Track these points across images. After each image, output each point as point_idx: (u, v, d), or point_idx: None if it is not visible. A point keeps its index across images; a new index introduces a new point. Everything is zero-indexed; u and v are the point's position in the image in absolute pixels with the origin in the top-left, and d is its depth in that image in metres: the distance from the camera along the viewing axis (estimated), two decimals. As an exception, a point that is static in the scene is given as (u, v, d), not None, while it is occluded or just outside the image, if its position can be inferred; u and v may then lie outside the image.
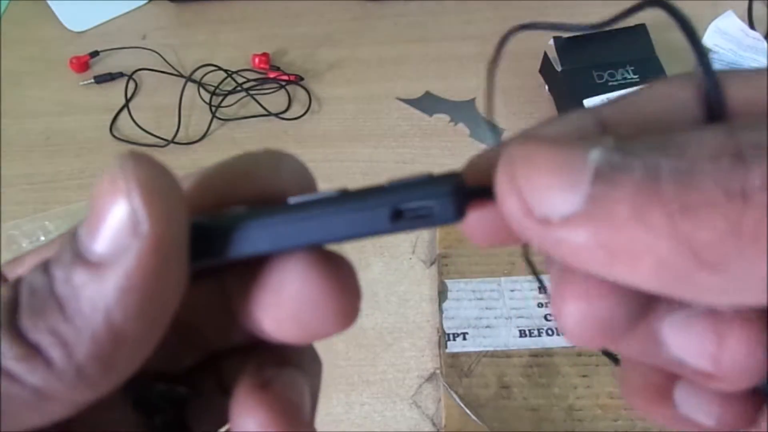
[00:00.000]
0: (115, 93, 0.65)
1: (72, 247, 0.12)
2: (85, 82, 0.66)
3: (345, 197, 0.13)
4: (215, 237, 0.13)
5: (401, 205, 0.13)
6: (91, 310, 0.11)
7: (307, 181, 0.16)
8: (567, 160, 0.11)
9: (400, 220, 0.13)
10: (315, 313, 0.13)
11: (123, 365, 0.12)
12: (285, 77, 0.64)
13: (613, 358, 0.24)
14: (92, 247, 0.12)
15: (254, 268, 0.14)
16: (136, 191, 0.11)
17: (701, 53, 0.12)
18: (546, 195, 0.11)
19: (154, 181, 0.12)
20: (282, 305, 0.14)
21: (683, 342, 0.13)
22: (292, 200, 0.13)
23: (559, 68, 0.58)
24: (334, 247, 0.14)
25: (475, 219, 0.14)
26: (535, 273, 0.24)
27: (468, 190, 0.13)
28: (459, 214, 0.13)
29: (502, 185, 0.12)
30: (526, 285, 0.47)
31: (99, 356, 0.11)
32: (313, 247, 0.14)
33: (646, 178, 0.10)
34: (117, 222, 0.11)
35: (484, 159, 0.14)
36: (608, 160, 0.11)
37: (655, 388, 0.15)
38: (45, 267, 0.12)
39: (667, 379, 0.14)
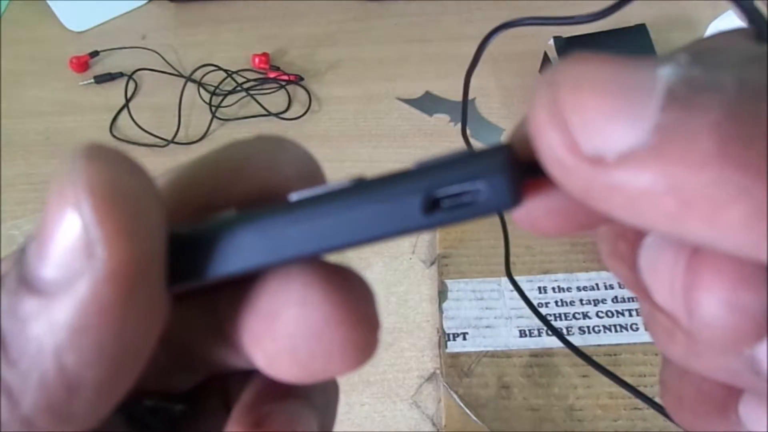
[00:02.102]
0: (115, 93, 0.65)
1: (18, 269, 0.09)
2: (85, 82, 0.66)
3: (360, 188, 0.10)
4: (198, 252, 0.10)
5: (437, 190, 0.10)
6: (38, 351, 0.09)
7: (312, 172, 0.13)
8: (627, 76, 0.08)
9: (436, 210, 0.10)
10: (317, 348, 0.10)
11: (82, 416, 0.09)
12: (285, 77, 0.64)
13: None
14: (40, 270, 0.09)
15: (246, 285, 0.11)
16: (87, 201, 0.09)
17: (749, 8, 0.10)
18: (598, 124, 0.08)
19: (114, 185, 0.09)
20: (276, 337, 0.11)
21: (649, 266, 0.11)
22: (294, 197, 0.10)
23: (559, 68, 0.58)
24: (341, 260, 0.11)
25: (532, 204, 0.11)
26: (521, 293, 0.22)
27: (521, 167, 0.10)
28: (516, 197, 0.09)
29: (539, 113, 0.09)
30: (526, 285, 0.47)
31: (49, 407, 0.09)
32: (316, 259, 0.11)
33: (741, 98, 0.08)
34: (67, 241, 0.09)
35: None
36: (685, 76, 0.08)
37: (713, 400, 0.12)
38: None
39: (728, 391, 0.12)
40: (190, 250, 0.10)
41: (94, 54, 0.68)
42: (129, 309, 0.09)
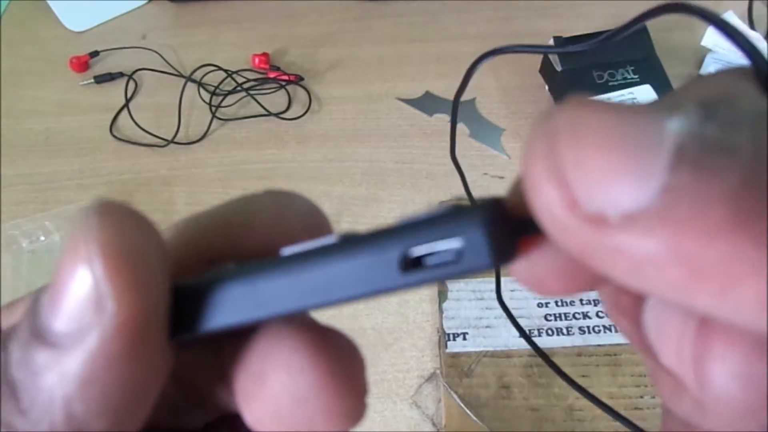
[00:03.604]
0: (115, 93, 0.65)
1: (31, 321, 0.10)
2: (85, 82, 0.66)
3: (345, 244, 0.10)
4: (195, 305, 0.10)
5: (414, 248, 0.09)
6: (49, 401, 0.09)
7: (319, 226, 0.12)
8: (632, 128, 0.08)
9: (416, 269, 0.09)
10: (302, 415, 0.10)
11: None
12: (285, 77, 0.64)
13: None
14: (53, 323, 0.09)
15: (245, 337, 0.11)
16: (99, 258, 0.09)
17: (749, 48, 0.09)
18: (601, 180, 0.07)
19: (124, 242, 0.09)
20: (261, 398, 0.11)
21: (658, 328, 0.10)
22: (286, 251, 0.10)
23: (559, 68, 0.58)
24: (333, 323, 0.11)
25: (531, 262, 0.10)
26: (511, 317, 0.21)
27: (515, 223, 0.09)
28: (498, 254, 0.09)
29: (534, 165, 0.08)
30: (526, 285, 0.47)
31: None
32: (305, 321, 0.11)
33: (758, 164, 0.07)
34: (78, 296, 0.09)
35: None
36: (696, 133, 0.07)
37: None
38: (2, 340, 0.10)
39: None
40: (189, 303, 0.10)
41: (94, 54, 0.68)
42: (134, 360, 0.09)
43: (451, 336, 0.45)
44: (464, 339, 0.45)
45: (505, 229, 0.09)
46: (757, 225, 0.07)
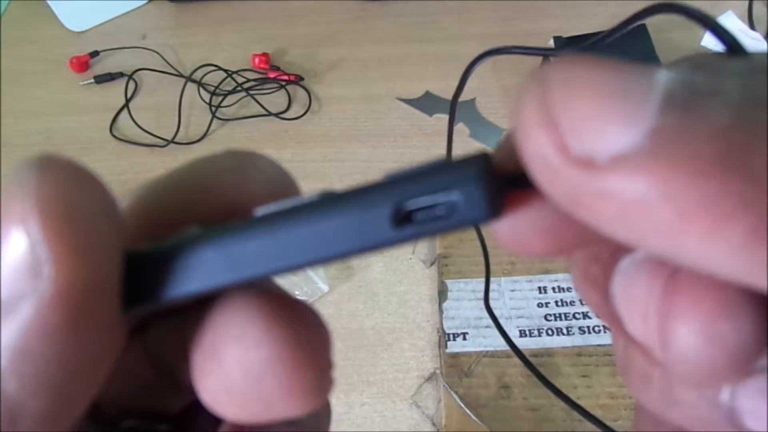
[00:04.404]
0: (115, 93, 0.65)
1: None
2: (85, 82, 0.66)
3: (327, 201, 0.09)
4: (156, 272, 0.10)
5: (408, 201, 0.09)
6: None
7: (285, 189, 0.12)
8: (622, 77, 0.08)
9: (407, 224, 0.09)
10: (257, 392, 0.10)
11: None
12: (285, 77, 0.64)
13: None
14: None
15: (203, 312, 0.10)
16: (35, 217, 0.08)
17: (731, 42, 0.10)
18: (590, 123, 0.08)
19: (65, 200, 0.08)
20: (216, 375, 0.10)
21: (625, 294, 0.10)
22: (259, 211, 0.10)
23: (559, 68, 0.58)
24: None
25: (516, 219, 0.10)
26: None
27: (503, 178, 0.09)
28: (493, 209, 0.09)
29: (526, 111, 0.08)
30: (526, 285, 0.47)
31: None
32: (263, 289, 0.10)
33: (747, 105, 0.07)
34: (12, 259, 0.08)
35: None
36: (685, 80, 0.08)
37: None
38: None
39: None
40: (148, 271, 0.10)
41: (94, 54, 0.68)
42: (77, 333, 0.08)
43: (451, 336, 0.45)
44: (464, 339, 0.45)
45: (495, 183, 0.09)
46: (746, 162, 0.07)
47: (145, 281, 0.10)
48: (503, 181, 0.09)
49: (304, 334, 0.10)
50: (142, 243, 0.10)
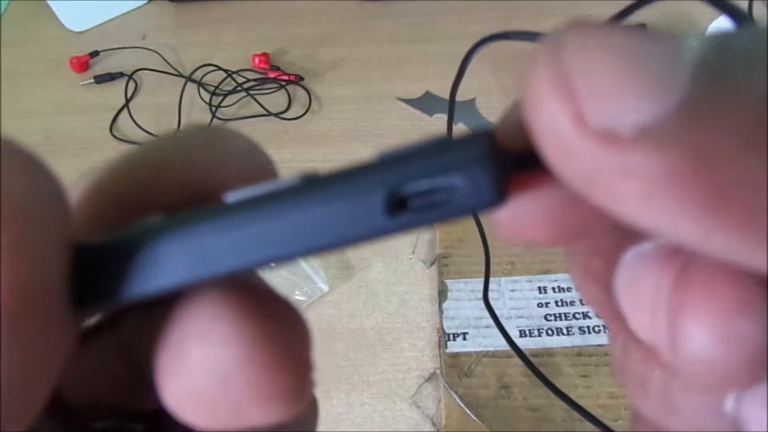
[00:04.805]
0: (115, 93, 0.65)
1: None
2: (85, 82, 0.66)
3: (309, 186, 0.08)
4: (112, 267, 0.08)
5: (403, 186, 0.08)
6: None
7: (259, 169, 0.10)
8: (647, 42, 0.07)
9: (403, 212, 0.08)
10: (224, 397, 0.08)
11: None
12: (285, 77, 0.64)
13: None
14: None
15: (169, 304, 0.09)
16: None
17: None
18: (613, 91, 0.07)
19: (2, 188, 0.07)
20: (179, 377, 0.09)
21: (629, 293, 0.09)
22: (230, 197, 0.09)
23: (559, 68, 0.58)
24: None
25: (519, 204, 0.09)
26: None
27: (508, 157, 0.08)
28: (500, 194, 0.08)
29: (537, 78, 0.07)
30: (526, 285, 0.47)
31: None
32: (233, 281, 0.09)
33: None
34: None
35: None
36: (720, 46, 0.07)
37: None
38: None
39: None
40: (102, 266, 0.08)
41: (94, 54, 0.68)
42: (12, 339, 0.07)
43: (451, 336, 0.45)
44: (464, 339, 0.45)
45: (500, 164, 0.08)
46: None
47: (99, 278, 0.08)
48: (508, 161, 0.08)
49: (279, 331, 0.09)
50: (97, 233, 0.09)
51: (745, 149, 0.06)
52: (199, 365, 0.08)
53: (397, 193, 0.08)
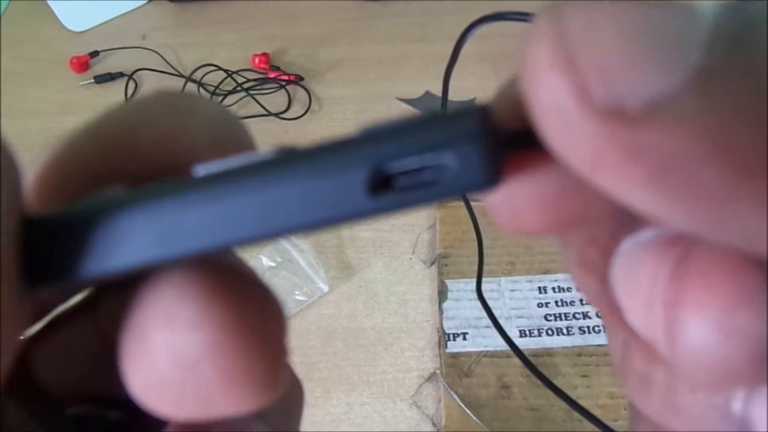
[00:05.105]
0: (115, 93, 0.65)
1: None
2: (85, 82, 0.66)
3: (285, 161, 0.07)
4: (69, 242, 0.08)
5: (388, 163, 0.07)
6: None
7: (232, 138, 0.10)
8: (654, 13, 0.06)
9: (387, 191, 0.07)
10: (191, 385, 0.08)
11: None
12: (285, 77, 0.64)
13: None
14: None
15: (131, 289, 0.08)
16: None
17: None
18: (619, 63, 0.06)
19: None
20: (144, 363, 0.08)
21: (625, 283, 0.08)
22: (200, 170, 0.08)
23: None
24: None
25: (513, 187, 0.08)
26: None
27: (504, 136, 0.07)
28: (492, 175, 0.07)
29: (537, 50, 0.06)
30: (526, 285, 0.47)
31: None
32: (211, 260, 0.08)
33: None
34: None
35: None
36: (735, 10, 0.06)
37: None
38: None
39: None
40: (58, 241, 0.08)
41: (94, 54, 0.68)
42: None
43: (451, 336, 0.45)
44: (464, 339, 0.45)
45: (495, 143, 0.07)
46: None
47: (54, 254, 0.08)
48: (503, 140, 0.07)
49: (251, 314, 0.08)
50: (58, 206, 0.08)
51: (763, 126, 0.06)
52: (164, 351, 0.08)
53: (381, 171, 0.07)
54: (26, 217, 0.08)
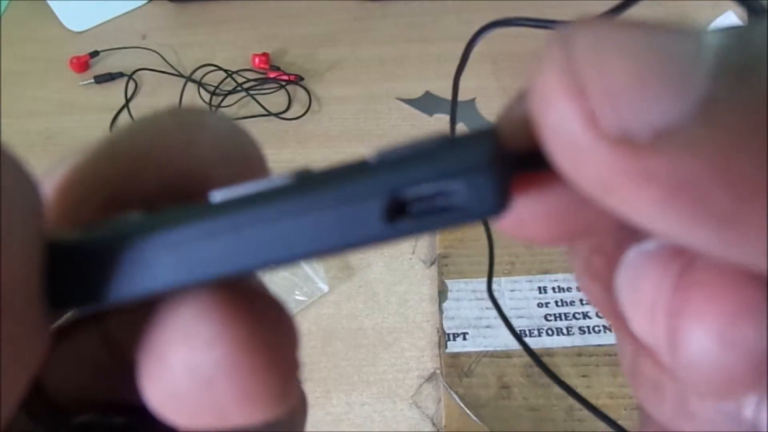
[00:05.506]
0: (115, 93, 0.65)
1: None
2: (85, 82, 0.66)
3: (302, 187, 0.08)
4: (90, 268, 0.08)
5: (403, 191, 0.07)
6: None
7: (241, 155, 0.10)
8: (662, 38, 0.06)
9: (402, 218, 0.08)
10: (207, 400, 0.08)
11: None
12: (285, 77, 0.64)
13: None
14: None
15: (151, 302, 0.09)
16: None
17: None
18: (627, 91, 0.06)
19: None
20: (161, 379, 0.08)
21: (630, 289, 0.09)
22: (217, 196, 0.08)
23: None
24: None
25: (521, 201, 0.08)
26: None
27: (512, 157, 0.08)
28: (503, 201, 0.07)
29: (546, 76, 0.07)
30: (526, 285, 0.47)
31: None
32: (233, 280, 0.08)
33: None
34: None
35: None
36: (741, 40, 0.06)
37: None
38: None
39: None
40: (80, 266, 0.08)
41: (94, 54, 0.68)
42: None
43: (451, 336, 0.45)
44: (464, 339, 0.45)
45: (504, 168, 0.07)
46: None
47: (77, 278, 0.08)
48: (512, 161, 0.08)
49: (265, 331, 0.08)
50: (73, 227, 0.09)
51: (763, 153, 0.06)
52: (181, 367, 0.08)
53: (397, 198, 0.07)
54: (50, 241, 0.08)
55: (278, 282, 0.48)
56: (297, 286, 0.48)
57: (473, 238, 0.49)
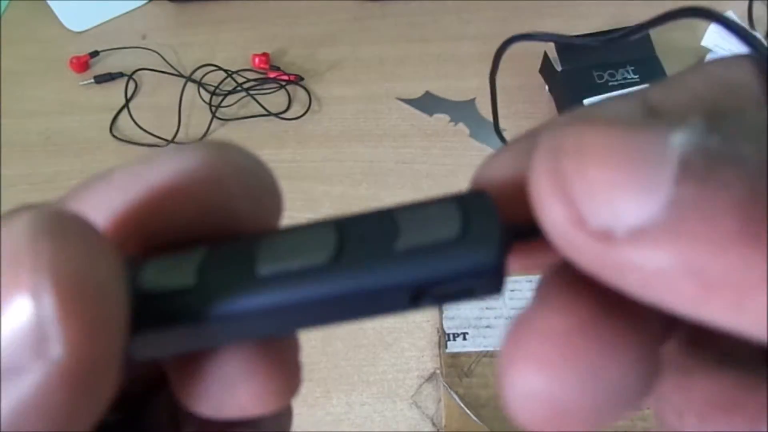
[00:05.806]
0: (115, 93, 0.65)
1: None
2: (85, 82, 0.66)
3: (339, 267, 0.09)
4: (160, 326, 0.10)
5: (427, 287, 0.09)
6: None
7: (262, 184, 0.11)
8: (636, 143, 0.08)
9: (423, 298, 0.10)
10: (234, 398, 0.10)
11: None
12: (285, 77, 0.64)
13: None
14: None
15: None
16: (50, 295, 0.07)
17: (754, 42, 0.10)
18: (606, 196, 0.08)
19: (83, 274, 0.07)
20: (199, 390, 0.10)
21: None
22: (264, 271, 0.10)
23: (559, 68, 0.58)
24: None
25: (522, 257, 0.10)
26: None
27: (513, 232, 0.10)
28: (503, 278, 0.09)
29: (541, 182, 0.08)
30: (526, 285, 0.47)
31: None
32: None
33: (765, 174, 0.07)
34: (13, 331, 0.07)
35: (513, 165, 0.10)
36: (701, 146, 0.07)
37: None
38: None
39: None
40: (155, 325, 0.09)
41: (94, 54, 0.68)
42: (77, 406, 0.08)
43: (451, 336, 0.45)
44: (464, 339, 0.45)
45: (506, 251, 0.09)
46: (766, 236, 0.07)
47: (152, 332, 0.10)
48: (512, 235, 0.10)
49: (276, 346, 0.11)
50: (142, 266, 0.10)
51: (725, 249, 0.07)
52: (209, 373, 0.10)
53: (422, 291, 0.09)
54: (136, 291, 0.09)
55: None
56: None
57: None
